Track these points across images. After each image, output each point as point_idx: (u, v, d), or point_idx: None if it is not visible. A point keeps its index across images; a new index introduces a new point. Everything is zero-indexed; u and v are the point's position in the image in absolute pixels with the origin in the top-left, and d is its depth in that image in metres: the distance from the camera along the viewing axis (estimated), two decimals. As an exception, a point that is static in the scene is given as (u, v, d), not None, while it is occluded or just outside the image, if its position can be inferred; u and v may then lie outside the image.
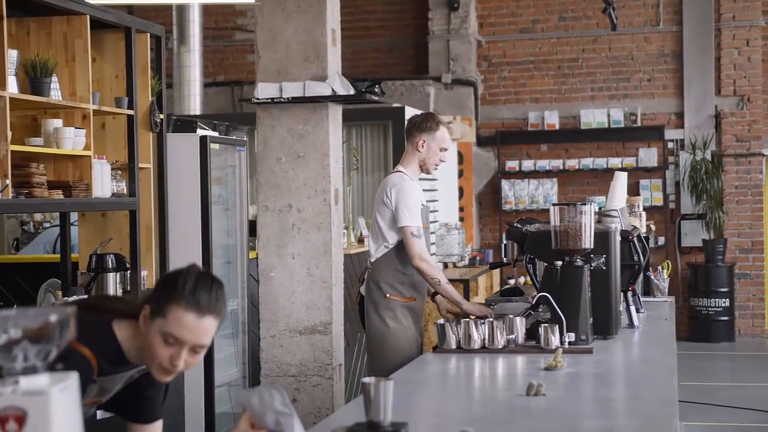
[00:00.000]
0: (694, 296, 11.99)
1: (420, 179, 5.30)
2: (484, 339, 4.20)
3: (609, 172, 12.26)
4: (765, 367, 10.99)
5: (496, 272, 11.33)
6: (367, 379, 2.66)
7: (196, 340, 2.46)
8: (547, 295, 4.26)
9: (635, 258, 4.99)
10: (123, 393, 2.70)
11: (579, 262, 4.35)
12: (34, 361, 1.78)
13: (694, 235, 12.28)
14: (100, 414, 4.58)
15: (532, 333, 4.29)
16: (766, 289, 12.45)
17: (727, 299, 11.96)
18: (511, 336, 4.22)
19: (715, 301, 11.94)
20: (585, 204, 4.40)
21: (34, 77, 4.84)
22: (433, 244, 9.62)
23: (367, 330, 5.22)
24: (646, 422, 2.89)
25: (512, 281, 11.97)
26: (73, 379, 1.80)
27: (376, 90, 6.23)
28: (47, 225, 8.55)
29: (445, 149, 5.26)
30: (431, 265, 5.06)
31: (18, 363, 1.77)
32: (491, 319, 4.25)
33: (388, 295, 5.12)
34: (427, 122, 5.25)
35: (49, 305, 5.57)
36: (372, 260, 5.22)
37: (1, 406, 1.73)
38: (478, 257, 11.32)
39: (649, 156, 12.35)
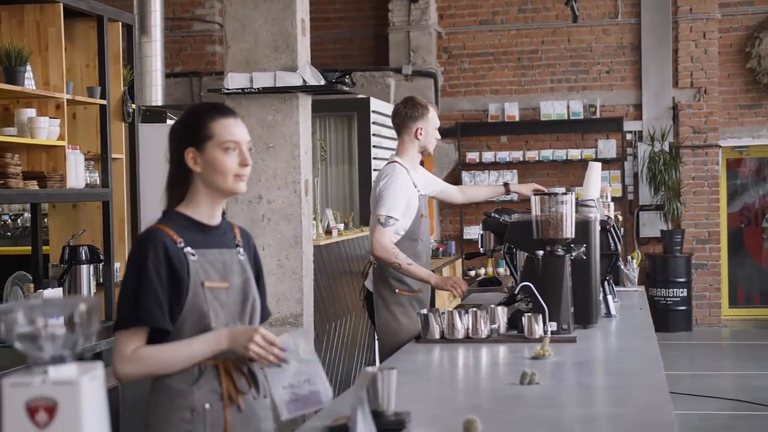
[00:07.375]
0: (653, 286, 12.12)
1: None
2: (468, 329, 4.21)
3: (568, 164, 12.38)
4: (722, 355, 11.15)
5: (458, 263, 11.38)
6: (371, 369, 2.67)
7: (245, 135, 2.84)
8: (530, 284, 4.28)
9: (612, 247, 5.02)
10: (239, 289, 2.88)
11: (560, 252, 4.36)
12: (62, 350, 1.76)
13: (652, 225, 12.41)
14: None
15: (513, 323, 4.31)
16: (722, 279, 12.63)
17: (685, 289, 12.12)
18: (493, 326, 4.24)
19: (673, 291, 12.08)
20: (566, 194, 4.41)
21: (8, 66, 4.76)
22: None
23: (377, 326, 5.17)
24: (644, 410, 2.92)
25: (483, 271, 12.05)
26: (99, 368, 1.79)
27: (346, 81, 6.22)
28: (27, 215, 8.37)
29: (438, 126, 5.41)
30: (388, 252, 4.93)
31: (46, 353, 1.75)
32: (474, 309, 4.26)
33: (397, 290, 5.08)
34: (418, 110, 5.28)
35: (18, 299, 5.48)
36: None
37: (31, 396, 1.71)
38: (440, 248, 11.37)
39: (608, 147, 12.45)
